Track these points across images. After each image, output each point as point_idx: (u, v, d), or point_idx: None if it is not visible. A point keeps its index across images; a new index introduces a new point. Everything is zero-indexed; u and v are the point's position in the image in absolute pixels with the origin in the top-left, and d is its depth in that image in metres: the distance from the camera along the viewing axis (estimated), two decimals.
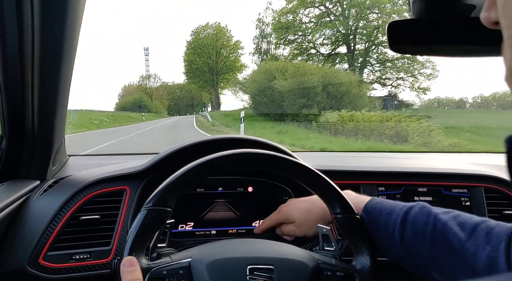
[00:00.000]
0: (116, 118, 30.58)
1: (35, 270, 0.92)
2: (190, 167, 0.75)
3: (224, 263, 0.72)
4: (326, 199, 0.82)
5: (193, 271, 0.71)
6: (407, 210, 0.79)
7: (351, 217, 0.80)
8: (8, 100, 0.94)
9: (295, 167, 0.80)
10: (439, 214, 0.75)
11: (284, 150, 1.12)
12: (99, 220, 1.01)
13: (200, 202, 1.17)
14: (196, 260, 0.72)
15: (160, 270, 0.70)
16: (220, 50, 51.38)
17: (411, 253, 0.76)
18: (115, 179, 1.07)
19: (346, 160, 1.66)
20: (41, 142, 1.05)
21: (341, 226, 0.80)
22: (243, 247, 0.79)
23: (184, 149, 1.09)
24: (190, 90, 67.57)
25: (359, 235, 0.80)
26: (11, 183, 1.04)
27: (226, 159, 0.77)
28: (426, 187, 1.22)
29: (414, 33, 0.70)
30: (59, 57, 0.91)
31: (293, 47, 33.40)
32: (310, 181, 0.81)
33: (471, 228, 0.70)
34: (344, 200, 0.80)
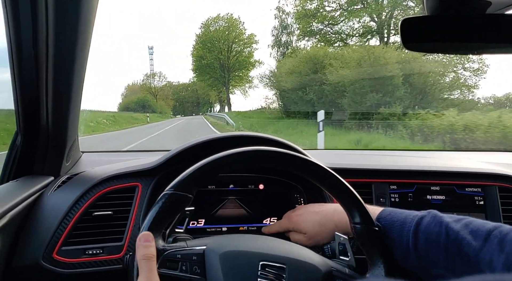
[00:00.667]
0: (117, 119, 27.01)
1: (49, 265, 0.93)
2: (218, 157, 0.75)
3: (237, 255, 0.73)
4: (346, 207, 0.80)
5: (206, 259, 0.72)
6: (418, 220, 0.78)
7: (370, 228, 0.79)
8: (23, 98, 0.95)
9: (319, 171, 0.79)
10: (450, 223, 0.74)
11: (298, 149, 1.11)
12: (112, 216, 1.02)
13: (211, 199, 1.18)
14: (210, 248, 0.73)
15: (174, 253, 0.71)
16: (232, 44, 47.24)
17: (426, 264, 0.75)
18: (128, 176, 1.08)
19: (357, 158, 1.65)
20: (55, 139, 1.06)
21: (360, 236, 0.79)
22: (258, 243, 0.79)
23: (196, 146, 1.09)
24: (196, 90, 65.05)
25: (375, 247, 0.79)
26: (26, 179, 1.06)
27: (257, 154, 0.77)
28: (439, 186, 1.21)
29: (427, 30, 0.69)
30: (73, 55, 0.92)
31: (318, 39, 28.84)
32: (331, 186, 0.80)
33: (484, 235, 0.69)
34: (365, 210, 0.79)
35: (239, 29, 47.76)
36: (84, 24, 0.88)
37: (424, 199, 1.20)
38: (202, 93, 62.72)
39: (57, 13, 0.82)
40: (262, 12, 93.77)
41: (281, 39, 34.78)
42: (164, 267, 0.70)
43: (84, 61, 0.96)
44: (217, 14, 49.52)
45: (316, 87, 16.60)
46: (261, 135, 1.13)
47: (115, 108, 54.05)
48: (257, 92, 62.68)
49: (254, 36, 47.38)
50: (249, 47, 47.99)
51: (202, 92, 62.52)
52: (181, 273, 0.71)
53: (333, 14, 27.44)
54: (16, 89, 0.94)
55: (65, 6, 0.82)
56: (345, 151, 2.01)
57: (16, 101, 0.96)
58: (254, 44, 47.73)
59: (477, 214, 1.18)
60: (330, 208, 0.95)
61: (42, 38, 0.85)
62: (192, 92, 68.31)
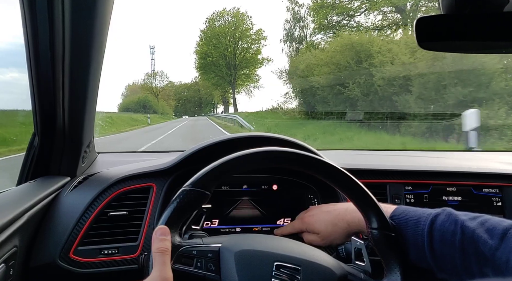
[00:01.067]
0: (114, 120, 23.38)
1: (66, 264, 0.94)
2: (237, 156, 0.75)
3: (252, 255, 0.73)
4: (363, 211, 0.79)
5: (221, 257, 0.72)
6: (433, 219, 0.77)
7: (387, 234, 0.77)
8: (40, 99, 0.97)
9: (336, 174, 0.78)
10: (466, 221, 0.73)
11: (313, 150, 1.11)
12: (127, 216, 1.03)
13: (225, 200, 1.18)
14: (226, 247, 0.74)
15: (190, 249, 0.71)
16: (238, 40, 43.90)
17: (442, 263, 0.74)
18: (142, 176, 1.09)
19: (372, 159, 1.63)
20: (71, 140, 1.08)
21: (376, 242, 0.78)
22: (274, 243, 0.79)
23: (210, 147, 1.10)
24: (198, 90, 62.60)
25: (392, 252, 0.77)
26: (43, 180, 1.08)
27: (276, 155, 0.76)
28: (455, 187, 1.19)
29: (443, 29, 0.68)
30: (89, 57, 0.93)
31: (334, 33, 24.81)
32: (348, 189, 0.79)
33: (501, 234, 0.68)
34: (382, 215, 0.78)
35: (246, 24, 44.81)
36: (100, 26, 0.89)
37: (440, 200, 1.18)
38: (205, 93, 60.49)
39: (73, 15, 0.83)
40: (271, 4, 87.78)
41: (294, 33, 31.74)
42: (179, 262, 0.70)
43: (99, 63, 0.98)
44: (223, 9, 47.88)
45: (361, 81, 12.46)
46: (275, 136, 1.13)
47: (115, 109, 51.89)
48: (262, 92, 61.23)
49: (262, 32, 44.65)
50: (257, 44, 44.85)
51: (205, 92, 60.31)
52: (195, 269, 0.71)
53: (352, 5, 24.51)
54: (33, 91, 0.96)
55: (80, 8, 0.83)
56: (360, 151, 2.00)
57: (33, 103, 0.98)
58: (262, 40, 44.73)
59: (495, 215, 1.15)
60: (342, 208, 0.94)
61: (59, 40, 0.86)
62: (194, 92, 66.40)
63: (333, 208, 0.97)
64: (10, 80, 5.72)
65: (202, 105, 66.49)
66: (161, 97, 59.34)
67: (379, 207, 0.78)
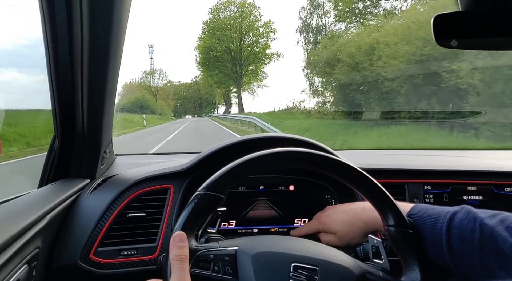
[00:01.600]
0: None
1: (86, 265, 0.96)
2: (250, 158, 0.75)
3: (269, 256, 0.72)
4: (379, 209, 0.79)
5: (238, 260, 0.72)
6: (451, 216, 0.75)
7: (404, 231, 0.77)
8: (60, 103, 0.99)
9: (352, 173, 0.78)
10: (485, 219, 0.71)
11: (329, 150, 1.10)
12: (145, 217, 1.04)
13: (242, 201, 1.18)
14: (242, 249, 0.73)
15: (207, 253, 0.71)
16: (245, 33, 39.63)
17: (461, 262, 0.73)
18: (160, 178, 1.10)
19: (390, 158, 1.62)
20: (90, 142, 1.10)
21: (394, 239, 0.77)
22: (291, 244, 0.79)
23: (226, 148, 1.10)
24: (198, 89, 60.16)
25: (410, 249, 0.76)
26: (63, 182, 1.10)
27: (289, 156, 0.76)
28: (476, 186, 1.17)
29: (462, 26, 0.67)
30: (107, 60, 0.94)
31: (359, 22, 22.15)
32: (364, 188, 0.78)
33: None
34: (399, 213, 0.77)
35: (254, 15, 40.72)
36: (117, 29, 0.90)
37: (460, 200, 1.16)
38: (206, 93, 58.15)
39: (91, 19, 0.85)
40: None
41: (311, 23, 28.01)
42: (196, 267, 0.71)
43: (117, 65, 0.99)
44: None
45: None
46: (292, 136, 1.12)
47: None
48: (267, 92, 60.08)
49: (271, 24, 40.48)
50: (266, 37, 40.74)
51: (205, 92, 57.67)
52: (213, 273, 0.71)
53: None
54: (53, 95, 0.98)
55: (98, 12, 0.85)
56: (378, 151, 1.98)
57: (53, 107, 1.00)
58: (271, 33, 40.72)
59: None
60: (359, 207, 0.93)
61: (77, 45, 0.88)
62: (194, 92, 64.12)
63: (350, 208, 0.96)
64: (8, 79, 5.76)
65: (202, 105, 64.49)
66: (159, 96, 56.45)
67: (396, 204, 0.77)
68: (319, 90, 20.82)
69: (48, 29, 0.86)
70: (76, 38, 0.87)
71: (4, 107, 2.59)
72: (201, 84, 59.32)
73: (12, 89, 6.23)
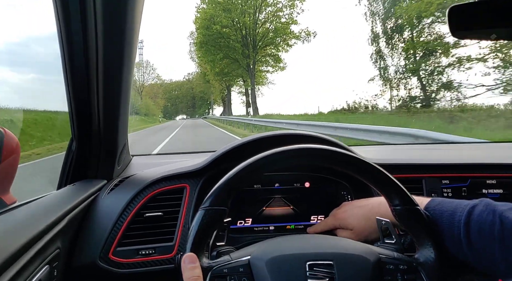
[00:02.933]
0: (55, 124, 4.63)
1: (106, 265, 0.97)
2: (240, 168, 0.75)
3: (283, 260, 0.72)
4: (383, 192, 0.79)
5: (253, 269, 0.71)
6: (470, 210, 0.74)
7: (411, 208, 0.76)
8: (76, 105, 1.00)
9: (347, 160, 0.78)
10: (505, 212, 0.70)
11: (340, 144, 1.10)
12: (162, 216, 1.05)
13: (257, 198, 1.18)
14: (255, 257, 0.73)
15: (220, 268, 0.71)
16: (261, 2, 26.90)
17: (481, 256, 0.71)
18: (176, 177, 1.11)
19: (407, 153, 1.60)
20: (107, 144, 1.11)
21: (401, 218, 0.77)
22: (301, 243, 0.79)
23: (241, 146, 1.10)
24: (191, 88, 55.57)
25: (420, 227, 0.76)
26: (81, 183, 1.12)
27: (275, 157, 0.76)
28: (495, 179, 1.14)
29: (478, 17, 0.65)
30: (121, 62, 0.95)
31: None
32: (365, 173, 0.78)
33: None
34: (403, 191, 0.77)
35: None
36: (130, 31, 0.91)
37: (480, 193, 1.14)
38: (200, 91, 52.77)
39: (104, 20, 0.86)
40: None
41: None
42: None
43: (131, 67, 1.00)
44: None
45: None
46: (305, 133, 1.12)
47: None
48: (274, 91, 55.12)
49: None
50: (291, 7, 27.52)
51: (199, 91, 52.24)
52: None
53: None
54: (70, 97, 0.99)
55: (112, 13, 0.86)
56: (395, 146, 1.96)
57: (70, 109, 1.01)
58: (298, 1, 27.83)
59: None
60: (376, 201, 0.92)
61: (92, 47, 0.89)
62: (187, 91, 59.72)
63: (366, 203, 0.95)
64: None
65: (196, 105, 60.69)
66: (146, 94, 50.49)
67: (398, 184, 0.77)
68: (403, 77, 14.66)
69: (63, 32, 0.88)
70: (91, 40, 0.88)
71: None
72: (194, 82, 53.66)
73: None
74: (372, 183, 0.79)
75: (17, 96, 5.57)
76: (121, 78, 0.98)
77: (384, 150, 1.75)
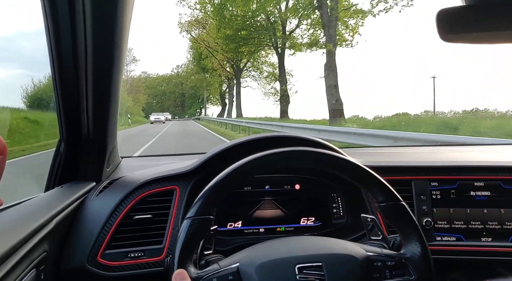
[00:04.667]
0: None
1: (94, 268, 0.96)
2: (222, 176, 0.75)
3: (272, 265, 0.72)
4: (368, 189, 0.80)
5: (243, 276, 0.71)
6: None
7: (395, 204, 0.78)
8: (64, 107, 0.99)
9: (332, 160, 0.78)
10: None
11: (330, 146, 1.10)
12: (152, 219, 1.04)
13: (248, 200, 1.18)
14: (244, 264, 0.73)
15: (210, 278, 0.70)
16: None
17: None
18: (165, 179, 1.10)
19: (396, 156, 1.61)
20: (96, 145, 1.10)
21: (386, 214, 0.78)
22: (290, 246, 0.79)
23: (230, 148, 1.10)
24: (180, 83, 48.55)
25: (405, 222, 0.77)
26: (70, 185, 1.10)
27: (253, 163, 0.76)
28: (483, 182, 1.15)
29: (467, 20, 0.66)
30: (110, 63, 0.94)
31: None
32: (349, 172, 0.79)
33: None
34: (387, 187, 0.78)
35: None
36: (120, 32, 0.90)
37: (468, 196, 1.15)
38: (191, 87, 45.10)
39: (94, 22, 0.85)
40: None
41: None
42: None
43: (120, 68, 0.99)
44: None
45: None
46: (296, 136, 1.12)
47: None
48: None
49: None
50: None
51: (190, 86, 45.01)
52: None
53: None
54: (58, 99, 0.98)
55: (101, 14, 0.85)
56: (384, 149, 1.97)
57: (58, 111, 1.00)
58: None
59: None
60: None
61: (81, 48, 0.88)
62: (175, 86, 51.57)
63: None
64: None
65: (185, 103, 51.83)
66: (122, 87, 41.12)
67: (382, 181, 0.78)
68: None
69: (52, 33, 0.87)
70: (80, 41, 0.87)
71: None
72: (184, 76, 45.50)
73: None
74: (357, 181, 0.79)
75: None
76: (110, 80, 0.98)
77: (373, 153, 1.76)
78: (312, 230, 1.20)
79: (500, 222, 1.11)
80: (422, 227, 1.08)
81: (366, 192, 0.81)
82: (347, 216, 1.21)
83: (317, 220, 1.21)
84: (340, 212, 1.21)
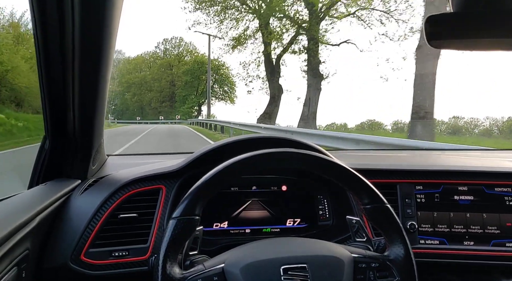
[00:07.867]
0: None
1: (77, 266, 0.95)
2: (208, 176, 0.75)
3: (257, 266, 0.72)
4: (353, 190, 0.81)
5: (228, 277, 0.71)
6: None
7: (380, 206, 0.79)
8: (50, 103, 0.98)
9: (318, 162, 0.79)
10: None
11: (317, 148, 1.10)
12: (137, 218, 1.03)
13: (234, 201, 1.18)
14: (229, 265, 0.73)
15: (195, 278, 0.70)
16: None
17: None
18: (152, 178, 1.10)
19: (383, 159, 1.62)
20: (81, 143, 1.08)
21: (371, 216, 0.79)
22: (275, 247, 0.79)
23: (218, 149, 1.10)
24: (169, 67, 32.68)
25: (390, 225, 0.79)
26: (54, 183, 1.09)
27: (240, 164, 0.76)
28: (467, 186, 1.17)
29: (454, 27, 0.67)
30: (98, 60, 0.93)
31: None
32: (334, 173, 0.80)
33: None
34: (371, 189, 0.79)
35: None
36: (109, 28, 0.89)
37: (452, 200, 1.16)
38: (184, 72, 31.90)
39: (82, 19, 0.84)
40: None
41: None
42: None
43: (108, 66, 0.98)
44: None
45: None
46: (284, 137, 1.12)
47: None
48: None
49: None
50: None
51: (182, 70, 31.58)
52: None
53: None
54: (43, 95, 0.96)
55: (90, 12, 0.84)
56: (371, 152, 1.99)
57: (44, 107, 0.99)
58: None
59: (507, 214, 1.14)
60: None
61: (69, 45, 0.87)
62: (160, 71, 33.44)
63: None
64: None
65: (176, 98, 35.18)
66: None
67: (368, 184, 0.79)
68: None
69: (39, 29, 0.85)
70: (67, 37, 0.86)
71: None
72: (174, 56, 31.98)
73: None
74: (343, 182, 0.80)
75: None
76: (98, 77, 0.96)
77: (359, 155, 1.77)
78: (298, 232, 1.20)
79: (482, 227, 1.13)
80: (407, 230, 1.10)
81: (352, 194, 0.81)
82: (333, 218, 1.21)
83: (303, 221, 1.21)
84: (326, 214, 1.22)
